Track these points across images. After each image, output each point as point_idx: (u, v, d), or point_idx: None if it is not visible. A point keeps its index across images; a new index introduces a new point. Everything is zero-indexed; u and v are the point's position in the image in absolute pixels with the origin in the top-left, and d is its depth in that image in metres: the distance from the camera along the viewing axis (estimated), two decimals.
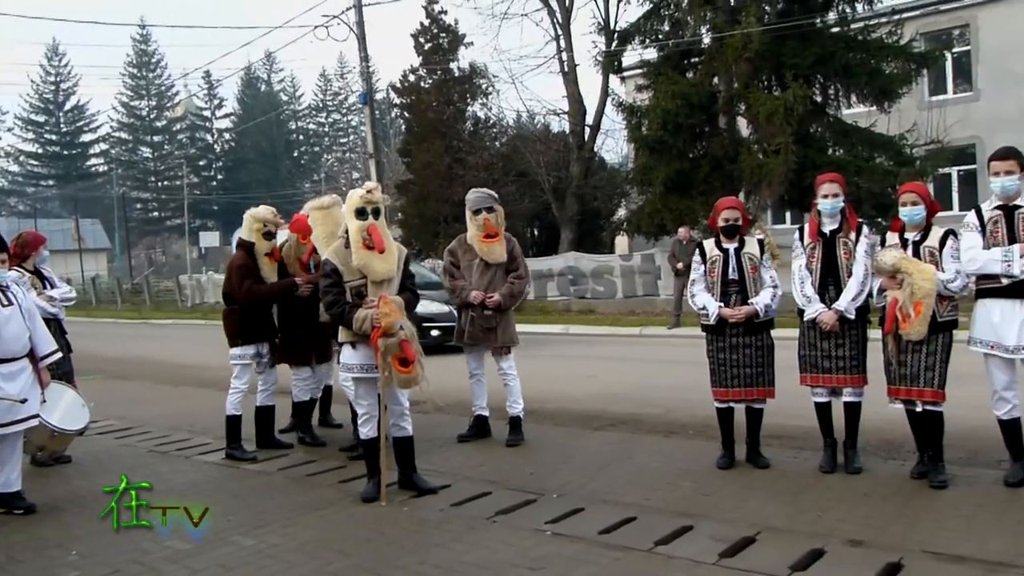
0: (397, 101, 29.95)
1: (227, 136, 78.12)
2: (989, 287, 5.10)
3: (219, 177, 77.15)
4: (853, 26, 17.95)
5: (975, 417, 5.82)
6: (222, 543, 4.65)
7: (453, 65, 26.87)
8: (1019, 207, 5.05)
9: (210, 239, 51.92)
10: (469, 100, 27.35)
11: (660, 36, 19.13)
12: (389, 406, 5.39)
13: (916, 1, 20.72)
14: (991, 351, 5.11)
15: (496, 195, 7.05)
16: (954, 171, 20.34)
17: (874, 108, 18.10)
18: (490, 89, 27.59)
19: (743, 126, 18.33)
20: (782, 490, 5.24)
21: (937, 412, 5.17)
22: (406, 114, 29.11)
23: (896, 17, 18.58)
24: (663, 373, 10.37)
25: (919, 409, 5.20)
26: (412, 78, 27.41)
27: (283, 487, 5.88)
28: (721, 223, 5.76)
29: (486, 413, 7.07)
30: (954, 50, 21.35)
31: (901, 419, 5.46)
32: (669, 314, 16.32)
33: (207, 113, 78.40)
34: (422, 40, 26.85)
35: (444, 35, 26.77)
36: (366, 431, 5.46)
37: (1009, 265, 4.95)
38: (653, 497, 5.23)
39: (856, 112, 19.32)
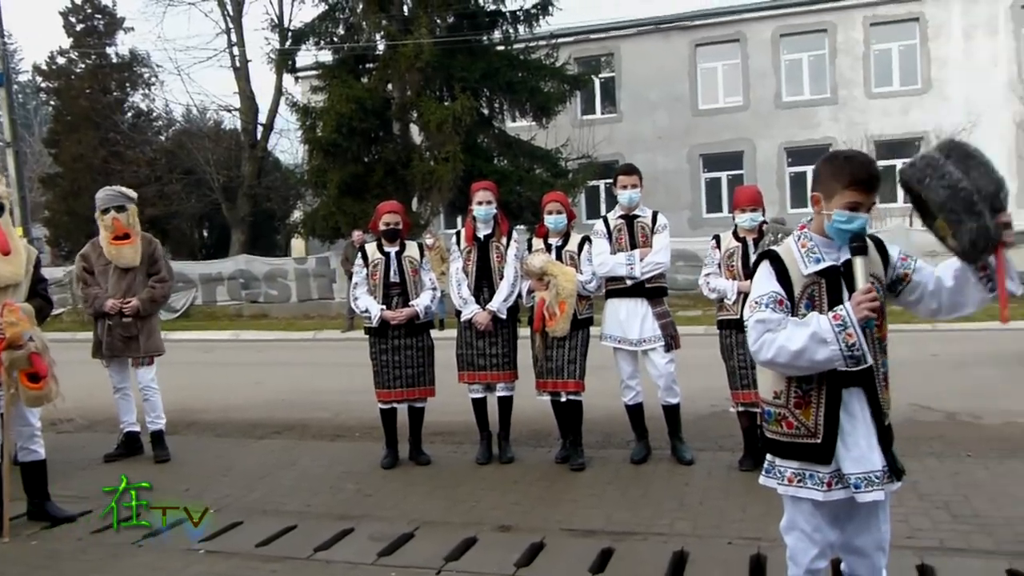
0: (43, 85, 26.81)
1: None
2: (616, 288, 5.73)
3: None
4: (516, 46, 19.23)
5: (608, 405, 6.47)
6: None
7: (110, 50, 24.72)
8: (638, 216, 5.74)
9: None
10: (129, 89, 25.24)
11: (335, 39, 19.05)
12: (16, 427, 4.79)
13: (570, 28, 22.66)
14: (619, 345, 5.74)
15: (131, 193, 6.43)
16: (602, 184, 22.60)
17: (534, 123, 19.57)
18: (153, 79, 25.71)
19: (416, 133, 18.84)
20: (441, 484, 5.46)
21: (578, 401, 5.70)
22: (54, 100, 26.16)
23: (554, 41, 20.22)
24: (335, 376, 10.31)
25: (563, 399, 5.69)
26: (62, 61, 24.71)
27: None
28: (382, 227, 5.86)
29: (136, 429, 6.54)
30: (601, 75, 23.72)
31: (548, 409, 5.93)
32: (344, 317, 16.30)
33: None
34: (73, 20, 24.30)
35: (99, 16, 24.51)
36: None
37: (632, 268, 5.60)
38: (315, 503, 5.18)
39: (519, 126, 20.75)
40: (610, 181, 6.22)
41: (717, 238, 5.64)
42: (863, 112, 22.25)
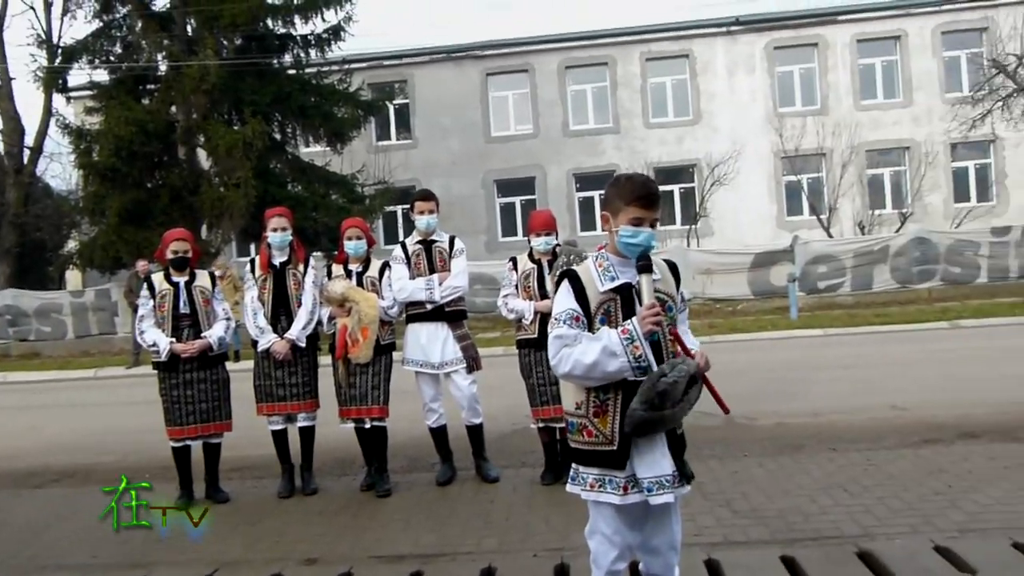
0: None
1: None
2: (417, 312, 5.78)
3: None
4: (309, 71, 18.92)
5: (411, 428, 6.47)
6: None
7: None
8: (436, 241, 5.83)
9: None
10: None
11: (112, 58, 17.90)
12: None
13: (363, 54, 22.62)
14: (421, 369, 5.78)
15: None
16: (399, 209, 22.63)
17: (329, 149, 19.32)
18: None
19: (204, 158, 18.04)
20: (241, 521, 5.23)
21: (383, 427, 5.67)
22: None
23: (347, 67, 20.09)
24: (121, 416, 9.62)
25: (368, 426, 5.64)
26: None
27: None
28: (170, 255, 5.57)
29: None
30: (396, 102, 23.84)
31: (351, 437, 5.85)
32: (129, 353, 15.24)
33: None
34: None
35: None
36: None
37: (431, 292, 5.67)
38: (102, 553, 4.80)
39: (313, 151, 20.42)
40: (407, 207, 6.27)
41: (514, 260, 5.83)
42: (643, 141, 23.77)
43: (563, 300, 2.90)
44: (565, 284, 2.92)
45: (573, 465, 3.01)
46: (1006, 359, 9.72)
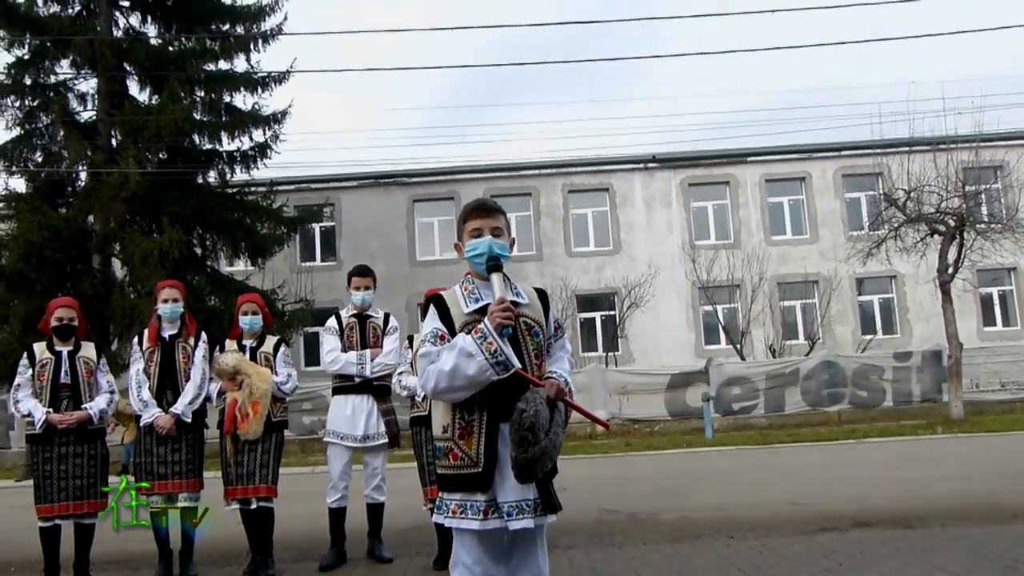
0: None
1: None
2: (344, 385, 5.75)
3: None
4: (233, 187, 18.98)
5: (306, 513, 6.21)
6: None
7: None
8: (371, 317, 5.87)
9: None
10: None
11: (31, 165, 17.75)
12: None
13: (291, 177, 22.92)
14: (340, 441, 5.68)
15: None
16: (319, 329, 22.37)
17: (250, 266, 19.21)
18: None
19: (118, 268, 17.71)
20: None
21: (270, 508, 5.43)
22: None
23: (273, 187, 20.26)
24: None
25: (254, 506, 5.39)
26: None
27: None
28: (54, 323, 5.38)
29: None
30: (321, 224, 24.05)
31: (237, 523, 5.57)
32: (21, 466, 14.40)
33: None
34: None
35: None
36: None
37: (363, 368, 5.69)
38: None
39: (235, 269, 20.28)
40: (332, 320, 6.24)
41: (410, 338, 5.84)
42: (565, 268, 24.30)
43: (429, 322, 2.96)
44: (431, 308, 2.98)
45: (439, 495, 2.94)
46: (905, 465, 9.94)
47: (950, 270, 16.20)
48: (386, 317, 5.99)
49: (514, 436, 2.71)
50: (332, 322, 5.92)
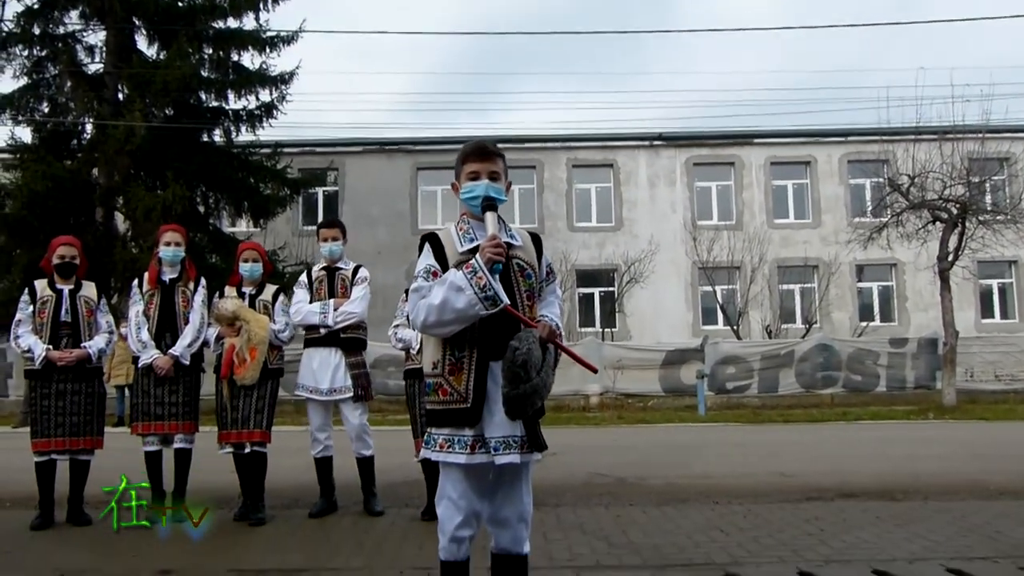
0: None
1: None
2: (312, 337, 5.73)
3: None
4: (238, 144, 18.96)
5: (299, 465, 6.29)
6: None
7: None
8: (340, 269, 5.85)
9: None
10: None
11: (37, 116, 17.72)
12: None
13: (296, 139, 22.88)
14: (310, 395, 5.69)
15: None
16: None
17: (252, 227, 19.25)
18: None
19: (120, 222, 17.75)
20: (98, 539, 4.96)
21: (263, 453, 5.50)
22: None
23: (278, 149, 20.23)
24: None
25: (247, 450, 5.46)
26: None
27: None
28: (56, 260, 5.43)
29: None
30: (325, 188, 24.04)
31: (231, 468, 5.65)
32: (18, 414, 14.54)
33: None
34: None
35: None
36: None
37: (325, 317, 5.64)
38: None
39: (237, 230, 20.32)
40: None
41: (406, 292, 5.86)
42: (566, 243, 24.29)
43: (423, 259, 3.01)
44: (426, 246, 3.03)
45: (428, 430, 3.00)
46: (892, 444, 10.04)
47: (950, 258, 16.23)
48: (356, 268, 5.90)
49: (506, 373, 2.76)
50: (303, 277, 5.93)
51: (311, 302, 5.75)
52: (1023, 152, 22.15)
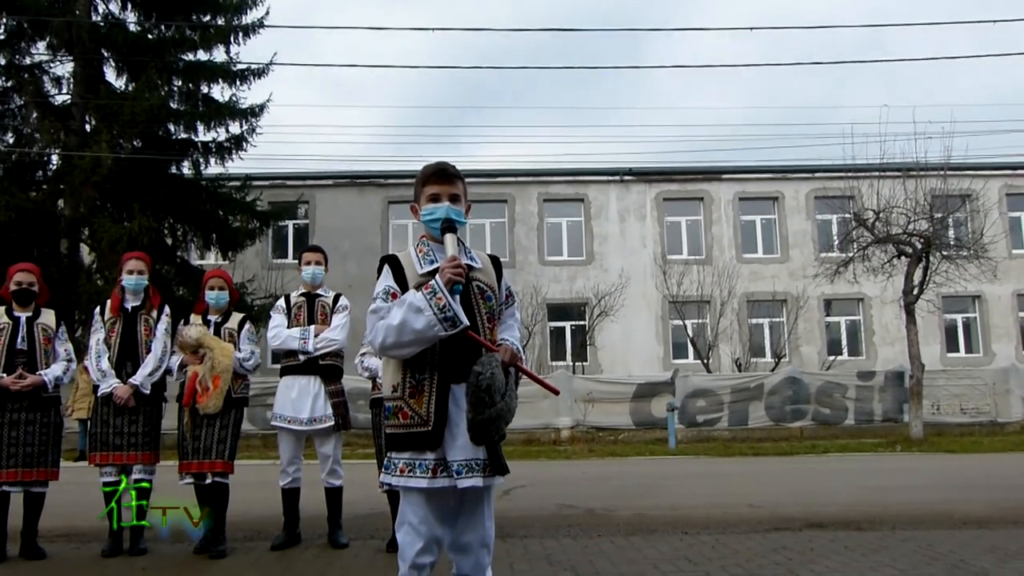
0: None
1: None
2: (290, 364, 5.67)
3: None
4: (206, 179, 18.87)
5: (263, 497, 6.17)
6: None
7: None
8: (320, 296, 5.82)
9: None
10: None
11: (2, 146, 17.53)
12: None
13: (266, 172, 22.80)
14: (287, 425, 5.60)
15: None
16: None
17: (221, 261, 19.10)
18: None
19: (85, 254, 17.53)
20: (50, 574, 4.80)
21: (225, 484, 5.39)
22: None
23: (249, 182, 20.15)
24: None
25: (208, 481, 5.35)
26: None
27: None
28: (13, 287, 5.33)
29: None
30: (295, 221, 23.95)
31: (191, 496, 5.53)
32: None
33: None
34: None
35: None
36: None
37: (305, 343, 5.59)
38: None
39: (205, 263, 20.13)
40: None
41: None
42: (537, 277, 24.35)
43: (382, 281, 2.98)
44: (386, 268, 3.00)
45: (387, 454, 2.95)
46: (860, 476, 10.06)
47: (915, 291, 16.45)
48: (336, 297, 5.87)
49: (471, 398, 2.73)
50: (280, 302, 5.87)
51: (288, 327, 5.69)
52: (984, 188, 22.59)
